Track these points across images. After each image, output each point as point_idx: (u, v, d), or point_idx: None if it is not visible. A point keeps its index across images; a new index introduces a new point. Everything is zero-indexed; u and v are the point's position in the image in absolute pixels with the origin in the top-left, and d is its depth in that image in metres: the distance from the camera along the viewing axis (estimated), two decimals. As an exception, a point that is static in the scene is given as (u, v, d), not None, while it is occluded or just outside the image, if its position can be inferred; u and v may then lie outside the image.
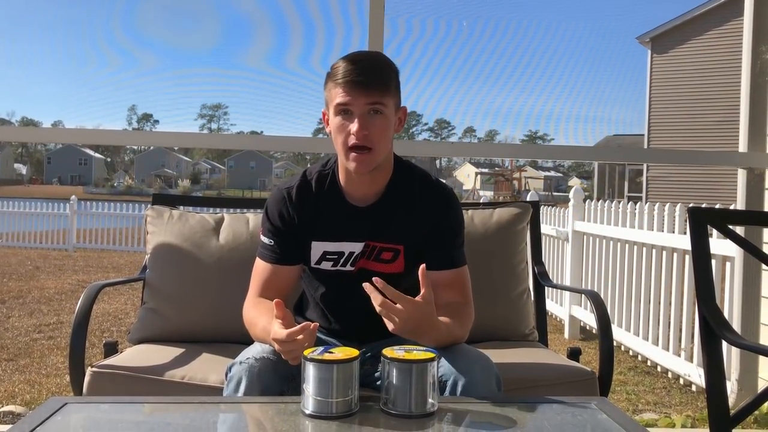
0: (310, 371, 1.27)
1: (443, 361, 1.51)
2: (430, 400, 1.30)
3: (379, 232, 1.68)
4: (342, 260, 1.69)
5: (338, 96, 1.56)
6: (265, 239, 1.70)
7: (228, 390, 1.50)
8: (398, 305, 1.40)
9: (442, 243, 1.68)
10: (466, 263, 1.71)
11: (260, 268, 1.70)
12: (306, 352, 1.30)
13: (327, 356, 1.28)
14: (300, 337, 1.35)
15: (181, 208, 2.39)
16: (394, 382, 1.30)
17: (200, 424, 1.36)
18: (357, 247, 1.68)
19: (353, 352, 1.31)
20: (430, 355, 1.31)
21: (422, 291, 1.43)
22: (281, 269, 1.68)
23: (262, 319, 1.56)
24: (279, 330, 1.38)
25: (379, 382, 1.67)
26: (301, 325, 1.36)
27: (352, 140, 1.56)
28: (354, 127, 1.55)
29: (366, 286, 1.39)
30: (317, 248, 1.69)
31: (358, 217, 1.68)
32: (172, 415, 1.40)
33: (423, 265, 1.45)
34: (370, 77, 1.56)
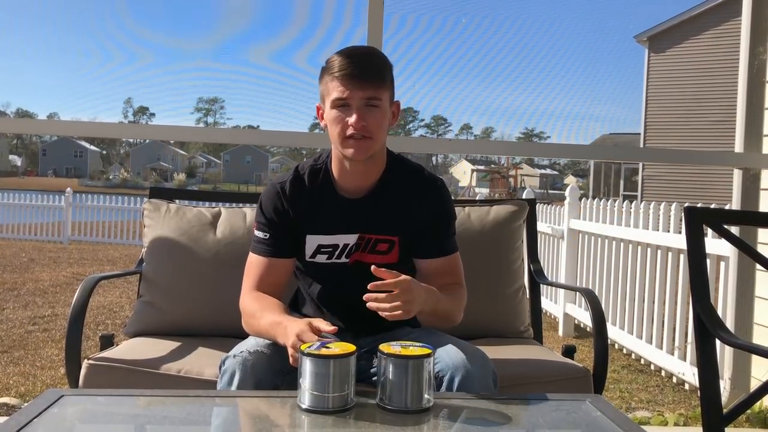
0: (307, 366, 1.28)
1: (440, 356, 1.52)
2: (425, 396, 1.31)
3: (373, 224, 1.70)
4: (337, 252, 1.71)
5: (335, 89, 1.58)
6: (259, 233, 1.71)
7: (221, 383, 1.51)
8: (394, 291, 1.43)
9: (435, 233, 1.72)
10: (458, 250, 1.76)
11: (255, 262, 1.71)
12: (303, 347, 1.30)
13: (324, 351, 1.29)
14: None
15: (178, 201, 2.39)
16: (390, 377, 1.30)
17: (197, 417, 1.37)
18: (351, 239, 1.70)
19: (350, 347, 1.31)
20: (426, 351, 1.32)
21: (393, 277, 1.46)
22: (276, 262, 1.69)
23: (267, 313, 1.58)
24: (310, 334, 1.39)
25: (375, 378, 1.68)
26: (330, 340, 1.37)
27: (350, 131, 1.58)
28: (352, 119, 1.57)
29: (368, 297, 1.43)
30: (312, 241, 1.71)
31: (351, 210, 1.70)
32: (168, 409, 1.40)
33: (372, 267, 1.47)
34: (367, 71, 1.58)
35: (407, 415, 1.29)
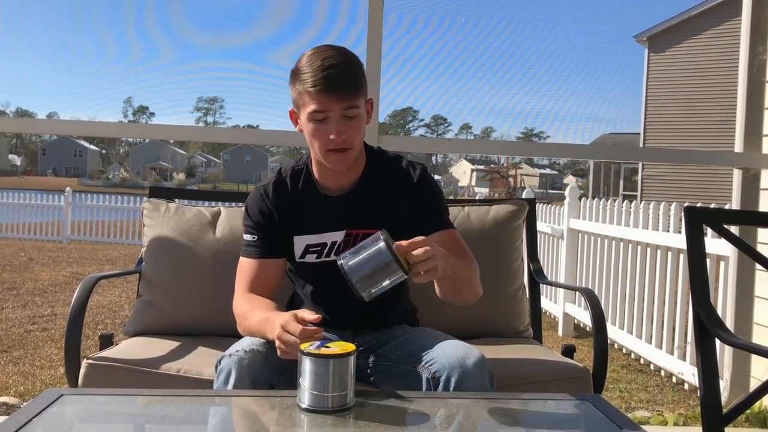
0: (307, 365, 1.28)
1: (437, 356, 1.51)
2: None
3: (359, 219, 1.70)
4: (325, 251, 1.71)
5: (311, 104, 1.56)
6: (248, 236, 1.72)
7: (218, 382, 1.50)
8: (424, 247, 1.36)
9: (426, 209, 1.71)
10: (455, 229, 1.73)
11: (245, 265, 1.71)
12: (303, 346, 1.30)
13: (323, 351, 1.28)
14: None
15: (177, 201, 2.39)
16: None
17: (196, 417, 1.36)
18: (339, 236, 1.70)
19: (350, 346, 1.31)
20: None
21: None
22: (267, 263, 1.69)
23: (258, 312, 1.57)
24: (295, 324, 1.37)
25: (373, 378, 1.68)
26: (314, 329, 1.36)
27: (331, 145, 1.58)
28: (332, 133, 1.56)
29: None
30: (300, 242, 1.71)
31: (335, 207, 1.70)
32: (167, 408, 1.40)
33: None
34: (343, 84, 1.55)
35: (402, 415, 1.29)
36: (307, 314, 1.40)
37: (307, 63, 1.57)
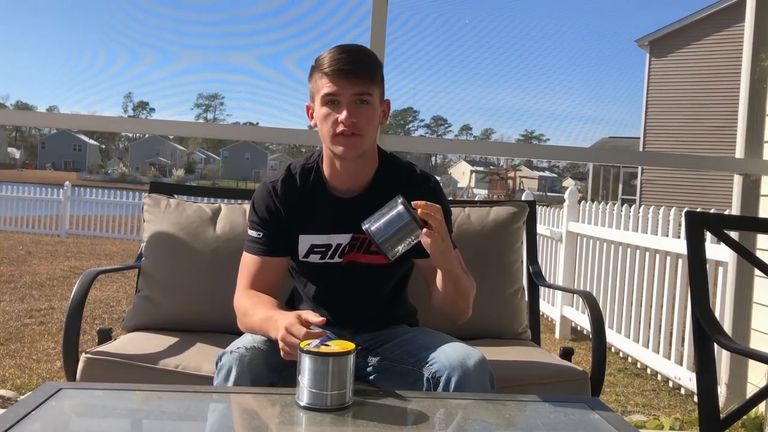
0: (306, 363, 1.27)
1: (437, 357, 1.51)
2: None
3: None
4: (330, 252, 1.70)
5: (325, 86, 1.57)
6: (252, 232, 1.70)
7: (218, 379, 1.50)
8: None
9: None
10: (456, 248, 1.71)
11: (248, 261, 1.70)
12: (302, 344, 1.30)
13: (323, 349, 1.28)
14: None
15: (176, 197, 2.39)
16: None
17: (194, 413, 1.36)
18: (344, 239, 1.69)
19: (349, 345, 1.31)
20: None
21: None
22: (270, 261, 1.68)
23: (260, 309, 1.57)
24: (299, 327, 1.38)
25: (372, 377, 1.68)
26: (319, 332, 1.36)
27: (340, 128, 1.57)
28: (342, 115, 1.56)
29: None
30: (305, 241, 1.70)
31: (344, 209, 1.68)
32: (166, 404, 1.40)
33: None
34: (357, 67, 1.57)
35: (401, 415, 1.29)
36: (311, 316, 1.40)
37: (327, 52, 1.60)
